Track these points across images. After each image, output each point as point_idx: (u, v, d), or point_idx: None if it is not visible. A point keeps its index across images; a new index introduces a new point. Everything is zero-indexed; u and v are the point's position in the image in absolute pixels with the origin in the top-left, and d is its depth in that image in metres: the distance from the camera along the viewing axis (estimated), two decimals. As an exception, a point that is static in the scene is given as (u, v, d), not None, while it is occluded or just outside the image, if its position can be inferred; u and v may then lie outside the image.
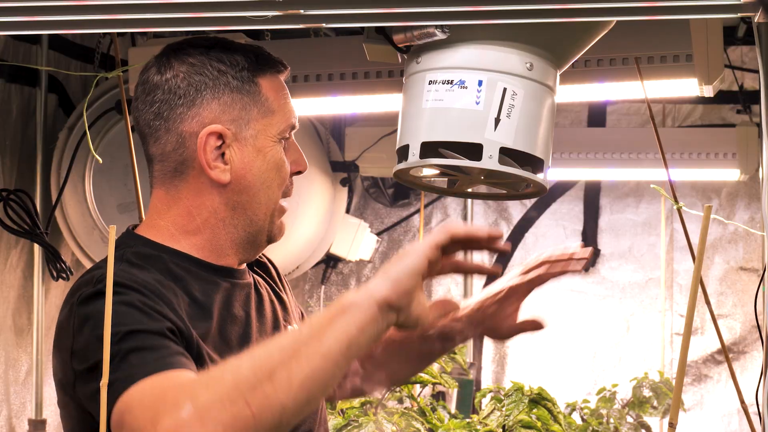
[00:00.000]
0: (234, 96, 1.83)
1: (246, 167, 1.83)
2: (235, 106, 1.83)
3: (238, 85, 1.83)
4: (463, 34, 1.71)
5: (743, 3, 1.40)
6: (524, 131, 1.71)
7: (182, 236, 1.84)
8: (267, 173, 1.84)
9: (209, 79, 1.82)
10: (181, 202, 1.85)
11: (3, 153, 3.56)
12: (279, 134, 1.85)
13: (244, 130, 1.83)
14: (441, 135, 1.71)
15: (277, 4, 1.46)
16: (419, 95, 1.73)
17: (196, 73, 1.83)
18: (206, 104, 1.82)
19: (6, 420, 3.62)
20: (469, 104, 1.70)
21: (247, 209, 1.85)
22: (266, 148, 1.84)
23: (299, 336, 1.51)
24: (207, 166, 1.81)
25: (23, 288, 3.66)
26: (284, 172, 1.86)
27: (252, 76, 1.84)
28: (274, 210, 1.87)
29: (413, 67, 1.76)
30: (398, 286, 1.53)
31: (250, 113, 1.83)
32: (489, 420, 2.95)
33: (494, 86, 1.69)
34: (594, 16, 1.55)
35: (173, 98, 1.83)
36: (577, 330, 4.88)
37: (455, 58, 1.71)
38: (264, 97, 1.84)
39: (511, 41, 1.70)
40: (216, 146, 1.82)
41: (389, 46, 1.77)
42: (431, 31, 1.68)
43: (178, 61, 1.85)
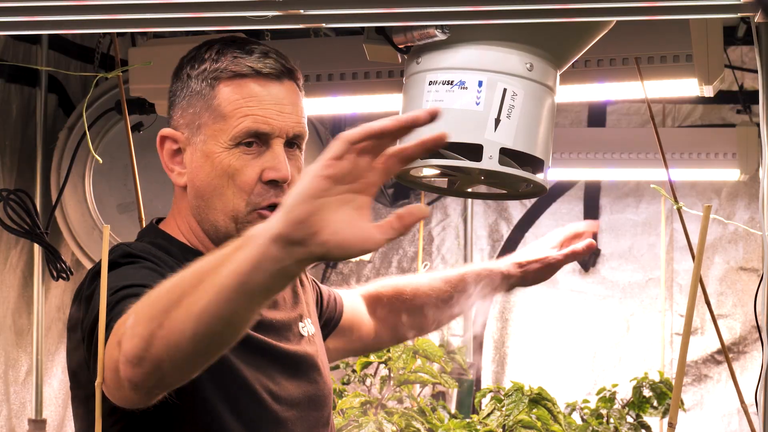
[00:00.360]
0: (191, 100, 1.83)
1: (195, 171, 1.83)
2: (190, 110, 1.83)
3: (197, 89, 1.83)
4: (463, 34, 1.71)
5: (743, 3, 1.40)
6: (524, 132, 1.71)
7: (181, 231, 1.88)
8: (216, 179, 1.81)
9: (182, 82, 1.86)
10: (175, 200, 1.90)
11: (3, 153, 3.56)
12: (231, 140, 1.80)
13: (196, 135, 1.83)
14: None
15: (277, 4, 1.46)
16: (419, 96, 1.73)
17: (176, 76, 1.87)
18: (176, 107, 1.86)
19: (6, 420, 3.62)
20: (469, 105, 1.70)
21: (208, 214, 1.83)
22: (214, 154, 1.80)
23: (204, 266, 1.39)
24: (166, 168, 1.86)
25: (23, 288, 3.66)
26: (240, 179, 1.80)
27: (213, 81, 1.82)
28: (236, 216, 1.81)
29: (413, 68, 1.76)
30: (289, 217, 1.29)
31: (202, 118, 1.82)
32: (489, 420, 2.95)
33: (494, 87, 1.69)
34: (594, 16, 1.55)
35: (169, 98, 1.90)
36: (577, 330, 4.87)
37: (455, 58, 1.71)
38: (218, 102, 1.81)
39: (511, 42, 1.70)
40: (173, 149, 1.85)
41: (389, 47, 1.77)
42: (431, 31, 1.68)
43: (181, 60, 1.89)
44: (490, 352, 4.98)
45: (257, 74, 1.82)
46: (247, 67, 1.81)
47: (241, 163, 1.80)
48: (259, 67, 1.82)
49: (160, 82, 2.96)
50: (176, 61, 1.90)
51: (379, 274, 5.03)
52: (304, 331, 1.96)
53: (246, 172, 1.80)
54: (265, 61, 1.83)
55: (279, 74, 1.83)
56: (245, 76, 1.81)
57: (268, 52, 1.85)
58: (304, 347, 1.93)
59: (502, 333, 4.99)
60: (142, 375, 1.42)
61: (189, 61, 1.86)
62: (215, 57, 1.83)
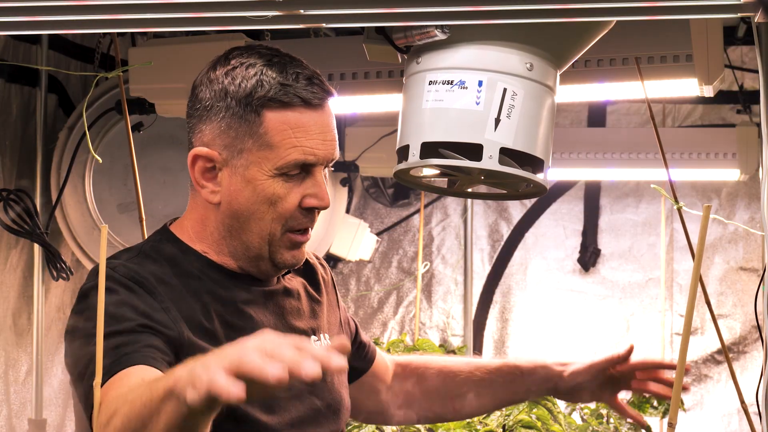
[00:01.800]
0: (231, 122, 1.80)
1: (233, 194, 1.82)
2: (230, 132, 1.80)
3: (239, 111, 1.80)
4: (463, 34, 1.71)
5: (743, 3, 1.40)
6: (524, 131, 1.71)
7: (198, 240, 1.87)
8: (256, 205, 1.81)
9: (215, 98, 1.81)
10: (197, 209, 1.88)
11: (3, 153, 3.56)
12: (276, 170, 1.79)
13: (236, 158, 1.80)
14: (441, 135, 1.70)
15: (277, 4, 1.46)
16: (419, 95, 1.73)
17: (210, 89, 1.82)
18: (209, 123, 1.82)
19: (6, 420, 3.62)
20: (469, 104, 1.69)
21: (241, 234, 1.83)
22: (257, 181, 1.80)
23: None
24: (197, 184, 1.84)
25: (23, 288, 3.66)
26: (281, 206, 1.81)
27: (258, 106, 1.79)
28: (271, 240, 1.82)
29: (413, 68, 1.76)
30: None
31: (245, 143, 1.80)
32: (489, 420, 2.95)
33: (494, 86, 1.69)
34: (594, 16, 1.55)
35: (194, 107, 1.85)
36: (577, 330, 4.87)
37: (455, 58, 1.71)
38: (264, 129, 1.79)
39: (511, 41, 1.70)
40: (207, 167, 1.82)
41: (389, 46, 1.77)
42: (432, 32, 1.68)
43: (214, 68, 1.84)
44: (490, 352, 4.98)
45: (305, 104, 1.80)
46: (296, 99, 1.79)
47: (284, 191, 1.81)
48: (308, 97, 1.80)
49: (160, 82, 2.97)
50: (176, 61, 1.90)
51: (379, 274, 5.03)
52: (317, 345, 1.94)
53: (288, 200, 1.81)
54: (312, 90, 1.81)
55: (323, 101, 1.83)
56: (293, 106, 1.80)
57: (312, 77, 1.82)
58: None
59: (502, 333, 4.99)
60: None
61: (225, 76, 1.81)
62: (259, 80, 1.79)
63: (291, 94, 1.79)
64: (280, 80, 1.80)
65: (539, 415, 2.94)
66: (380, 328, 5.03)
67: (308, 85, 1.81)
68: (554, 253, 4.95)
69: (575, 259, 4.91)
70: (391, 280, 5.04)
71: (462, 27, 1.69)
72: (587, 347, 4.86)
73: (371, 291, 5.02)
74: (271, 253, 1.83)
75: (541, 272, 4.96)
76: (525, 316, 4.97)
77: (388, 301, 5.04)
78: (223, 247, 1.86)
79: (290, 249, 1.84)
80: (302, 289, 1.98)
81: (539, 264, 4.97)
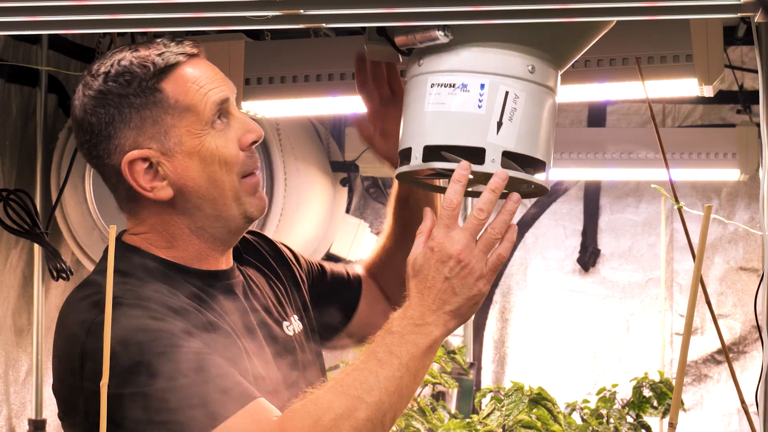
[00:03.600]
0: (141, 114, 1.78)
1: (183, 175, 1.79)
2: (147, 123, 1.78)
3: (141, 101, 1.78)
4: (465, 36, 1.71)
5: (743, 3, 1.40)
6: (526, 134, 1.71)
7: (159, 250, 1.84)
8: (208, 168, 1.80)
9: (113, 107, 1.79)
10: (146, 222, 1.84)
11: (3, 153, 3.56)
12: (206, 124, 1.79)
13: (166, 142, 1.79)
14: (443, 139, 1.71)
15: (277, 4, 1.46)
16: (421, 98, 1.73)
17: (100, 106, 1.79)
18: (120, 133, 1.79)
19: (6, 420, 3.62)
20: (471, 108, 1.70)
21: (206, 208, 1.81)
22: (197, 147, 1.79)
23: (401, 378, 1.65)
24: (144, 191, 1.80)
25: (23, 288, 3.66)
26: (228, 155, 1.80)
27: (154, 83, 1.78)
28: (235, 194, 1.82)
29: (415, 69, 1.76)
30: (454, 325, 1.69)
31: (165, 122, 1.79)
32: (489, 420, 2.95)
33: (496, 89, 1.69)
34: (594, 16, 1.55)
35: (92, 137, 1.81)
36: (577, 330, 4.87)
37: (457, 61, 1.71)
38: (173, 98, 1.78)
39: (513, 44, 1.70)
40: (145, 168, 1.79)
41: (390, 47, 1.77)
42: (433, 34, 1.68)
43: (85, 95, 1.81)
44: (490, 352, 4.98)
45: (189, 57, 1.81)
46: (178, 56, 1.80)
47: (222, 140, 1.80)
48: (186, 50, 1.81)
49: (160, 82, 2.96)
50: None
51: (379, 274, 5.03)
52: (290, 329, 1.94)
53: (229, 146, 1.81)
54: (184, 44, 1.82)
55: (198, 52, 1.84)
56: (180, 64, 1.80)
57: (174, 36, 1.85)
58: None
59: (502, 333, 4.99)
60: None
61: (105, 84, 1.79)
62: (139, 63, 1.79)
63: (172, 55, 1.80)
64: (155, 52, 1.80)
65: (539, 415, 2.94)
66: (380, 327, 5.02)
67: (177, 43, 1.82)
68: (554, 253, 4.95)
69: (575, 259, 4.91)
70: (391, 280, 5.04)
71: (464, 29, 1.69)
72: (587, 347, 4.86)
73: (371, 291, 5.01)
74: (240, 207, 1.82)
75: (541, 272, 4.96)
76: (525, 316, 4.97)
77: (388, 301, 5.04)
78: (192, 240, 1.83)
79: (253, 194, 1.84)
80: (260, 277, 1.97)
81: (539, 264, 4.97)
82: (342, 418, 1.61)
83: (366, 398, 1.62)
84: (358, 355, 1.72)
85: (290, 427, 1.61)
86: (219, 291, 1.84)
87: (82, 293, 1.78)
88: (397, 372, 1.64)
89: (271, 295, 1.96)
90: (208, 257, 1.85)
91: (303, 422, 1.61)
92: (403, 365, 1.65)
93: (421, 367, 1.67)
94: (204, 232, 1.83)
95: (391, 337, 1.67)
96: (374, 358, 1.66)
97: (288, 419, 1.62)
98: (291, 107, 3.18)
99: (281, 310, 1.95)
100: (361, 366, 1.66)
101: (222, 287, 1.86)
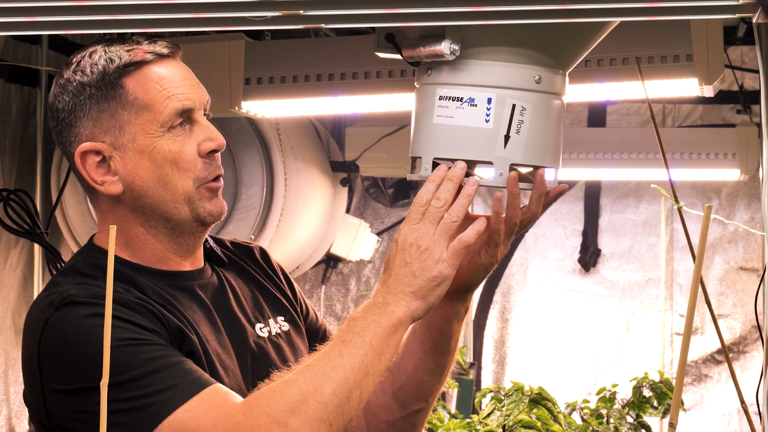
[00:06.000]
0: (100, 107, 1.78)
1: (132, 172, 1.79)
2: (103, 116, 1.78)
3: (102, 94, 1.78)
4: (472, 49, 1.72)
5: (743, 3, 1.40)
6: (533, 145, 1.73)
7: (120, 249, 1.84)
8: (159, 170, 1.78)
9: (75, 96, 1.79)
10: (106, 217, 1.85)
11: (3, 153, 3.56)
12: (161, 126, 1.78)
13: (120, 137, 1.78)
14: (452, 153, 1.73)
15: (277, 4, 1.46)
16: (430, 109, 1.75)
17: (65, 93, 1.80)
18: (79, 123, 1.80)
19: (6, 420, 3.62)
20: (479, 122, 1.72)
21: (155, 208, 1.80)
22: (149, 147, 1.78)
23: (365, 355, 1.66)
24: (95, 184, 1.80)
25: (23, 288, 3.66)
26: (183, 161, 1.79)
27: (116, 78, 1.78)
28: (188, 198, 1.80)
29: (425, 78, 1.77)
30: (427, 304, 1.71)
31: (121, 118, 1.78)
32: (489, 420, 2.95)
33: (503, 103, 1.71)
34: (594, 16, 1.55)
35: (58, 123, 1.82)
36: (577, 330, 4.87)
37: (465, 74, 1.72)
38: (132, 96, 1.78)
39: (519, 55, 1.71)
40: (97, 161, 1.79)
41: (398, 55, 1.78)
42: (439, 50, 1.69)
43: (57, 82, 1.83)
44: (490, 352, 4.98)
45: (159, 57, 1.80)
46: (147, 55, 1.79)
47: (178, 146, 1.79)
48: (157, 50, 1.80)
49: (160, 82, 2.96)
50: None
51: (380, 273, 5.03)
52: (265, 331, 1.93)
53: (186, 152, 1.79)
54: (158, 44, 1.81)
55: (173, 53, 1.83)
56: (148, 63, 1.79)
57: (152, 37, 1.84)
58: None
59: (502, 333, 4.99)
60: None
61: (74, 74, 1.80)
62: (107, 57, 1.79)
63: (140, 52, 1.79)
64: (125, 48, 1.80)
65: (539, 415, 2.94)
66: (380, 328, 5.02)
67: (151, 42, 1.81)
68: (554, 253, 4.95)
69: (575, 259, 4.91)
70: (391, 280, 5.03)
71: (470, 41, 1.70)
72: (587, 347, 4.86)
73: (371, 291, 5.01)
74: (193, 211, 1.80)
75: (542, 272, 4.96)
76: (525, 316, 4.97)
77: (388, 301, 5.03)
78: (146, 239, 1.83)
79: (209, 200, 1.82)
80: (240, 280, 1.96)
81: (539, 264, 4.97)
82: (308, 393, 1.63)
83: (331, 374, 1.64)
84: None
85: (257, 405, 1.63)
86: (180, 291, 1.84)
87: (43, 294, 1.79)
88: (360, 349, 1.66)
89: (248, 297, 1.95)
90: (167, 259, 1.84)
91: (270, 400, 1.63)
92: (366, 343, 1.67)
93: (386, 347, 1.68)
94: (157, 232, 1.83)
95: (353, 322, 1.69)
96: (338, 340, 1.69)
97: (255, 399, 1.65)
98: (291, 107, 3.18)
99: (257, 313, 1.94)
100: (325, 348, 1.69)
101: (185, 287, 1.85)
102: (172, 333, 1.74)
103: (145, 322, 1.71)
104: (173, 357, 1.69)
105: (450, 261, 1.70)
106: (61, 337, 1.71)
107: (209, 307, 1.85)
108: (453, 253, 1.71)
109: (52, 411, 1.73)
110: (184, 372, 1.67)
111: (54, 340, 1.72)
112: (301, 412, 1.62)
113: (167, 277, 1.83)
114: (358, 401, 1.66)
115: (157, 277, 1.82)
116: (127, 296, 1.74)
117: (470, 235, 1.71)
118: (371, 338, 1.67)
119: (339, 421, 1.64)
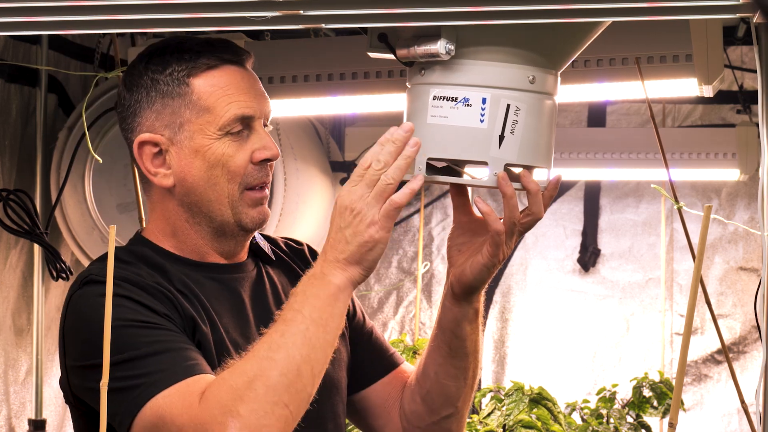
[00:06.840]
0: (165, 101, 1.85)
1: (185, 169, 1.85)
2: (166, 111, 1.85)
3: (169, 89, 1.85)
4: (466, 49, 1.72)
5: (742, 3, 1.40)
6: (528, 145, 1.74)
7: (165, 239, 1.90)
8: (210, 171, 1.84)
9: (144, 88, 1.86)
10: (156, 207, 1.92)
11: (3, 153, 3.56)
12: (219, 130, 1.84)
13: (179, 134, 1.85)
14: (446, 153, 1.74)
15: (276, 4, 1.46)
16: (424, 109, 1.75)
17: (135, 84, 1.88)
18: (143, 114, 1.87)
19: (6, 420, 3.62)
20: (473, 122, 1.72)
21: (201, 207, 1.86)
22: (204, 147, 1.84)
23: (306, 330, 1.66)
24: (148, 174, 1.87)
25: (23, 288, 3.66)
26: (233, 165, 1.85)
27: (184, 78, 1.85)
28: (231, 202, 1.86)
29: (417, 77, 1.77)
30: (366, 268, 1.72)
31: (183, 116, 1.84)
32: (489, 420, 2.95)
33: (498, 103, 1.71)
34: (593, 16, 1.55)
35: (123, 110, 1.90)
36: (577, 330, 4.87)
37: (459, 74, 1.73)
38: (196, 96, 1.84)
39: (513, 55, 1.71)
40: (154, 153, 1.86)
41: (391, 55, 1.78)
42: (434, 50, 1.70)
43: (128, 71, 1.90)
44: (490, 352, 4.98)
45: (228, 63, 1.87)
46: (217, 58, 1.86)
47: (232, 150, 1.85)
48: (229, 56, 1.87)
49: (160, 82, 2.96)
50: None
51: (379, 273, 5.03)
52: None
53: (238, 157, 1.85)
54: (230, 50, 1.88)
55: (244, 60, 1.89)
56: (217, 66, 1.86)
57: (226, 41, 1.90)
58: None
59: (502, 333, 4.99)
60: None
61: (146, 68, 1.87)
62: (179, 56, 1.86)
63: (212, 57, 1.86)
64: (197, 50, 1.86)
65: (539, 415, 2.94)
66: (380, 328, 5.03)
67: (224, 48, 1.88)
68: (554, 253, 4.95)
69: (575, 259, 4.91)
70: (391, 280, 5.04)
71: (464, 42, 1.70)
72: (587, 347, 4.86)
73: (371, 291, 5.01)
74: (235, 216, 1.86)
75: (541, 272, 4.96)
76: (525, 317, 4.96)
77: (388, 301, 5.04)
78: (190, 234, 1.89)
79: (253, 206, 1.88)
80: (284, 277, 1.99)
81: (539, 264, 4.97)
82: (254, 379, 1.64)
83: (274, 356, 1.65)
84: None
85: (209, 396, 1.65)
86: (213, 281, 1.88)
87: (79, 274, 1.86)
88: (301, 325, 1.67)
89: (282, 292, 1.98)
90: (206, 254, 1.90)
91: (219, 391, 1.65)
92: (306, 318, 1.67)
93: (329, 317, 1.69)
94: (201, 229, 1.88)
95: (294, 298, 1.71)
96: (280, 320, 1.70)
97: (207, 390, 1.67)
98: (290, 107, 3.18)
99: None
100: (268, 331, 1.70)
101: (218, 278, 1.89)
102: (185, 320, 1.78)
103: (158, 306, 1.76)
104: (176, 343, 1.72)
105: (382, 224, 1.69)
106: (78, 314, 1.79)
107: (242, 299, 1.90)
108: (384, 216, 1.69)
109: (73, 386, 1.81)
110: (181, 358, 1.70)
111: (73, 317, 1.80)
112: (249, 398, 1.63)
113: (202, 268, 1.89)
114: (311, 376, 1.66)
115: (192, 267, 1.88)
116: (147, 280, 1.79)
117: (402, 196, 1.70)
118: (310, 312, 1.68)
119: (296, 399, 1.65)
